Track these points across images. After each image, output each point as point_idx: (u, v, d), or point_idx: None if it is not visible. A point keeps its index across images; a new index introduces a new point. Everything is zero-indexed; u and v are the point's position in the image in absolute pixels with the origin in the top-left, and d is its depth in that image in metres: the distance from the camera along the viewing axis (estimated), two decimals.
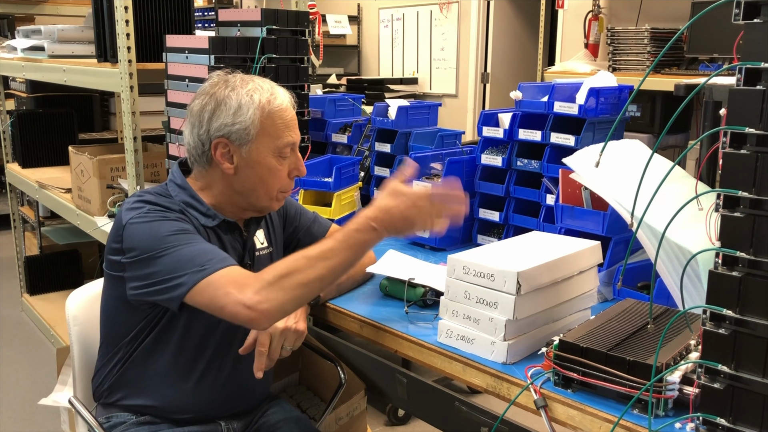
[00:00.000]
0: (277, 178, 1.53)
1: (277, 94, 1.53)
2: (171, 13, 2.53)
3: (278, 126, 1.51)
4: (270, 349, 1.45)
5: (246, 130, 1.49)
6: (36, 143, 3.77)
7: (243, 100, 1.49)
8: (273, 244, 1.68)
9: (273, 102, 1.52)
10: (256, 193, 1.53)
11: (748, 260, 0.92)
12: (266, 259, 1.64)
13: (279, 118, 1.51)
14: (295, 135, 1.55)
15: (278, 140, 1.51)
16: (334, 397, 1.94)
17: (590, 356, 1.11)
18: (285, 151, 1.53)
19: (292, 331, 1.47)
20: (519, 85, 1.91)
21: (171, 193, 1.53)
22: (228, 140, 1.48)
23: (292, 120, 1.54)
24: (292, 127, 1.54)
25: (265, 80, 1.56)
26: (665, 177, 1.07)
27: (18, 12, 4.58)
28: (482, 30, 5.65)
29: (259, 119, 1.49)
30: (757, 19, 0.90)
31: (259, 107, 1.49)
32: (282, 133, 1.52)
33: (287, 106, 1.54)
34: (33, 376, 3.37)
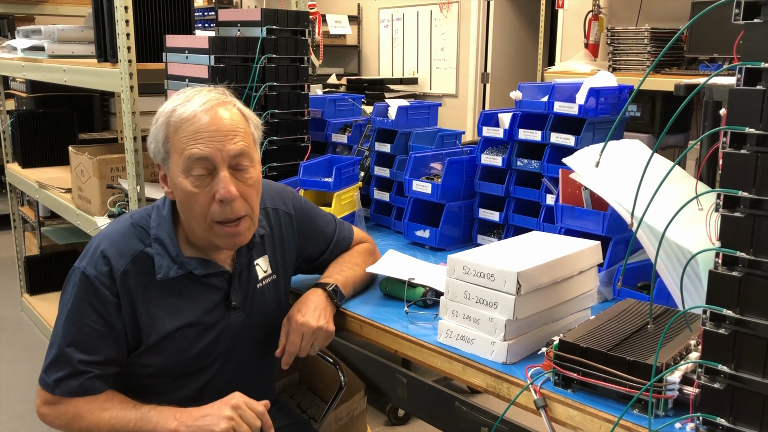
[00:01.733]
0: (195, 204, 1.32)
1: (190, 101, 1.33)
2: (171, 13, 2.53)
3: (183, 140, 1.30)
4: (300, 347, 1.43)
5: (156, 149, 1.36)
6: (36, 143, 3.77)
7: (157, 114, 1.36)
8: (278, 270, 1.56)
9: (176, 111, 1.32)
10: (191, 223, 1.37)
11: (748, 260, 0.92)
12: (270, 289, 1.54)
13: (184, 131, 1.31)
14: (207, 148, 1.29)
15: (183, 158, 1.30)
16: (334, 400, 1.95)
17: (590, 356, 1.11)
18: (192, 169, 1.30)
19: (323, 331, 1.44)
20: (519, 85, 1.91)
21: (152, 224, 1.41)
22: (157, 160, 1.38)
23: (201, 131, 1.30)
24: (202, 139, 1.29)
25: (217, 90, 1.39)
26: (665, 177, 1.07)
27: (18, 12, 4.58)
28: (482, 30, 5.65)
29: (164, 135, 1.34)
30: (757, 19, 0.90)
31: (164, 121, 1.34)
32: (187, 148, 1.30)
33: (195, 115, 1.30)
34: (33, 376, 3.35)
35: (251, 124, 1.42)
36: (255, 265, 1.51)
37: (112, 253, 1.37)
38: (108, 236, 1.40)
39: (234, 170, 1.35)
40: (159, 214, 1.43)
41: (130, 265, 1.37)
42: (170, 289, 1.40)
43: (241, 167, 1.35)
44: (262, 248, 1.53)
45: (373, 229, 2.19)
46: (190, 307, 1.42)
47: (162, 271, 1.38)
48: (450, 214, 1.93)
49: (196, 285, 1.42)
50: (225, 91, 1.42)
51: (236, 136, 1.34)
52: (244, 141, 1.35)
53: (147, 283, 1.38)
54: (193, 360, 1.45)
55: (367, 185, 2.25)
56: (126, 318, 1.37)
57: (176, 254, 1.39)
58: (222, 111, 1.35)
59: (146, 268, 1.38)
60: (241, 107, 1.42)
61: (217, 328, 1.46)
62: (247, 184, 1.36)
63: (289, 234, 1.59)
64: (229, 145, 1.32)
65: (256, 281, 1.51)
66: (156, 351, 1.41)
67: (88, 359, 1.35)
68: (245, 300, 1.49)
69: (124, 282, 1.36)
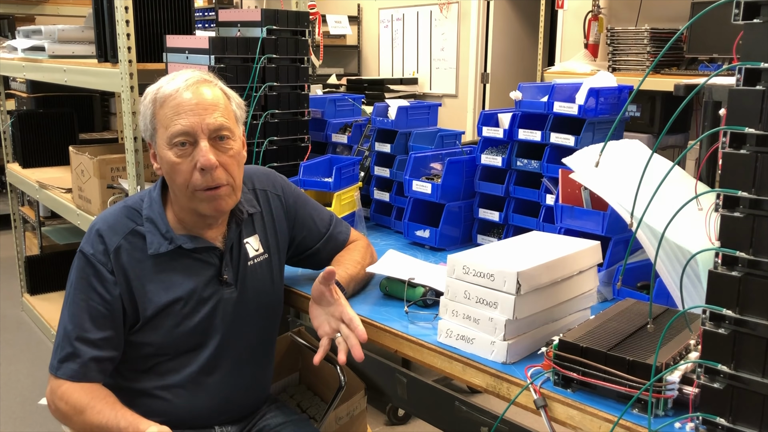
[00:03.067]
0: (178, 174, 1.41)
1: (173, 80, 1.43)
2: (171, 13, 2.53)
3: (167, 114, 1.40)
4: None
5: (145, 127, 1.46)
6: (36, 143, 3.78)
7: (145, 93, 1.45)
8: (271, 249, 1.60)
9: (162, 89, 1.42)
10: (176, 193, 1.46)
11: (748, 260, 0.92)
12: (263, 267, 1.58)
13: (168, 106, 1.40)
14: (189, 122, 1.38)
15: (168, 130, 1.39)
16: (334, 399, 1.95)
17: (590, 356, 1.12)
18: (178, 140, 1.39)
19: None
20: (519, 85, 1.91)
21: (144, 205, 1.49)
22: (145, 137, 1.48)
23: (183, 105, 1.39)
24: (183, 113, 1.39)
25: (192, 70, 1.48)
26: (665, 177, 1.07)
27: (18, 12, 4.58)
28: (482, 30, 5.65)
29: (151, 112, 1.43)
30: (756, 19, 0.90)
31: (150, 99, 1.44)
32: (170, 122, 1.39)
33: (177, 91, 1.40)
34: (33, 376, 3.37)
35: (233, 102, 1.49)
36: (245, 243, 1.55)
37: (106, 231, 1.45)
38: (103, 218, 1.49)
39: (215, 141, 1.42)
40: (150, 197, 1.51)
41: (123, 242, 1.44)
42: (163, 264, 1.46)
43: (221, 137, 1.43)
44: (252, 227, 1.58)
45: (373, 229, 2.19)
46: (183, 281, 1.47)
47: (153, 247, 1.45)
48: (450, 214, 1.93)
49: (188, 260, 1.48)
50: (209, 73, 1.50)
51: (216, 111, 1.42)
52: (223, 116, 1.43)
53: (140, 259, 1.45)
54: (189, 335, 1.49)
55: (367, 185, 2.25)
56: (123, 293, 1.43)
57: (166, 230, 1.47)
58: (204, 88, 1.44)
59: (138, 244, 1.45)
60: (223, 87, 1.49)
61: (211, 302, 1.50)
62: (227, 155, 1.43)
63: (279, 215, 1.63)
64: (209, 118, 1.40)
65: (247, 259, 1.55)
66: (153, 326, 1.46)
67: (88, 337, 1.41)
68: (237, 277, 1.53)
69: (118, 258, 1.43)
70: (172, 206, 1.50)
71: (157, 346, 1.48)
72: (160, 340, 1.47)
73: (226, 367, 1.54)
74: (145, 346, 1.48)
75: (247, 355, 1.58)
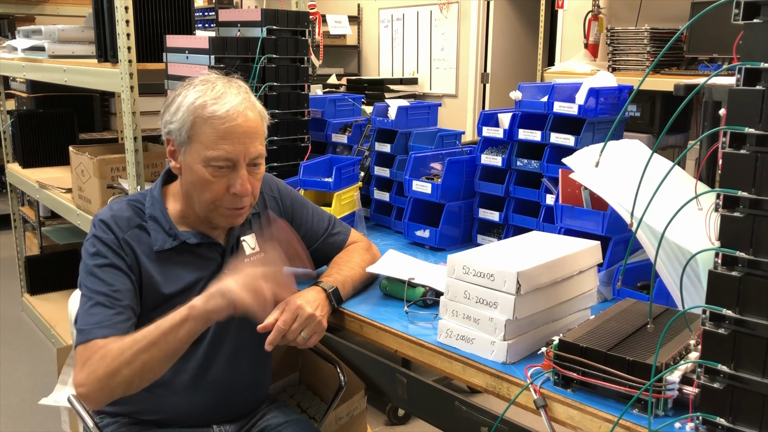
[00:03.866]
0: (208, 191, 1.45)
1: (222, 100, 1.43)
2: (171, 13, 2.53)
3: (209, 135, 1.41)
4: (290, 329, 1.41)
5: (179, 131, 1.45)
6: (36, 143, 3.78)
7: (183, 100, 1.45)
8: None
9: (207, 107, 1.42)
10: (195, 201, 1.48)
11: (748, 260, 0.92)
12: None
13: (212, 127, 1.41)
14: (234, 149, 1.42)
15: (207, 151, 1.41)
16: (334, 400, 1.95)
17: (590, 356, 1.12)
18: (216, 163, 1.42)
19: (316, 321, 1.43)
20: (519, 85, 1.91)
21: (146, 204, 1.52)
22: (171, 138, 1.48)
23: (231, 132, 1.41)
24: (230, 139, 1.41)
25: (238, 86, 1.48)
26: (665, 177, 1.07)
27: (18, 12, 4.58)
28: (482, 30, 5.65)
29: (191, 123, 1.43)
30: (756, 19, 0.90)
31: (191, 110, 1.43)
32: (213, 144, 1.41)
33: (228, 115, 1.41)
34: (33, 376, 3.37)
35: (265, 121, 1.53)
36: (242, 241, 1.59)
37: (112, 222, 1.47)
38: (105, 211, 1.51)
39: (250, 167, 1.47)
40: (152, 196, 1.54)
41: (131, 234, 1.47)
42: (167, 259, 1.49)
43: (255, 164, 1.48)
44: (249, 226, 1.61)
45: (373, 229, 2.19)
46: (187, 275, 1.50)
47: (158, 244, 1.48)
48: (450, 214, 1.93)
49: (191, 255, 1.52)
50: (247, 89, 1.52)
51: (257, 139, 1.47)
52: (261, 143, 1.49)
53: (146, 253, 1.48)
54: None
55: (367, 185, 2.25)
56: (135, 275, 1.46)
57: (169, 228, 1.50)
58: (250, 114, 1.46)
59: (144, 239, 1.49)
60: (257, 103, 1.52)
61: None
62: (256, 179, 1.50)
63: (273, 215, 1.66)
64: (251, 148, 1.45)
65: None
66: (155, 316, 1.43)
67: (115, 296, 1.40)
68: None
69: (128, 246, 1.46)
70: (175, 202, 1.54)
71: None
72: None
73: (223, 363, 1.55)
74: None
75: (244, 352, 1.59)
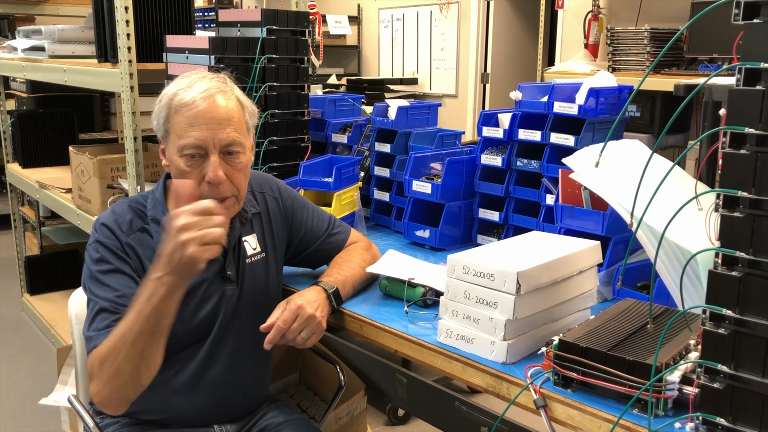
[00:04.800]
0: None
1: (191, 87, 1.42)
2: (171, 13, 2.53)
3: (180, 124, 1.41)
4: (289, 329, 1.42)
5: (159, 126, 1.47)
6: (36, 143, 3.78)
7: (162, 95, 1.45)
8: (268, 249, 1.63)
9: (177, 96, 1.42)
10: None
11: (748, 260, 0.92)
12: (260, 266, 1.60)
13: (182, 115, 1.41)
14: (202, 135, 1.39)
15: (179, 140, 1.41)
16: (334, 399, 1.95)
17: (590, 356, 1.11)
18: (187, 151, 1.41)
19: (316, 321, 1.44)
20: (519, 85, 1.91)
21: (148, 206, 1.52)
22: (158, 135, 1.49)
23: (198, 118, 1.40)
24: (197, 125, 1.40)
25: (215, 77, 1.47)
26: (665, 177, 1.07)
27: (18, 12, 4.58)
28: (482, 30, 5.65)
29: (165, 115, 1.44)
30: (756, 19, 0.90)
31: (165, 103, 1.44)
32: (183, 132, 1.40)
33: (194, 101, 1.40)
34: (33, 376, 3.37)
35: (247, 112, 1.50)
36: (243, 242, 1.58)
37: (115, 227, 1.48)
38: (107, 214, 1.51)
39: (225, 155, 1.44)
40: (153, 197, 1.54)
41: (133, 238, 1.48)
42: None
43: (231, 152, 1.45)
44: (251, 227, 1.61)
45: (373, 229, 2.19)
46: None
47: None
48: (450, 214, 1.93)
49: None
50: (226, 78, 1.50)
51: (229, 125, 1.43)
52: (236, 130, 1.44)
53: (149, 256, 1.45)
54: (194, 330, 1.50)
55: (367, 185, 2.25)
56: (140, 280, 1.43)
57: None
58: (219, 99, 1.43)
59: (147, 242, 1.48)
60: (239, 95, 1.50)
61: (215, 298, 1.52)
62: (235, 168, 1.46)
63: (276, 217, 1.66)
64: (221, 134, 1.42)
65: (245, 256, 1.58)
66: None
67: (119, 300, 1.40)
68: (237, 273, 1.56)
69: (131, 249, 1.47)
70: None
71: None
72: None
73: (224, 363, 1.55)
74: None
75: (245, 352, 1.59)
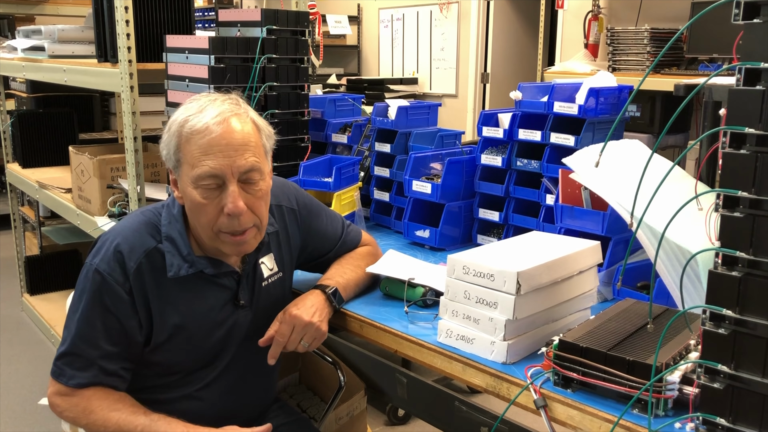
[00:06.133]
0: (203, 215, 1.34)
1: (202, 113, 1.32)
2: (171, 13, 2.53)
3: (193, 153, 1.31)
4: (289, 340, 1.42)
5: (169, 156, 1.37)
6: (36, 143, 3.77)
7: (171, 122, 1.36)
8: (285, 267, 1.57)
9: (188, 123, 1.32)
10: (199, 230, 1.38)
11: (748, 260, 0.92)
12: (276, 287, 1.55)
13: (195, 143, 1.31)
14: (218, 164, 1.29)
15: (193, 170, 1.31)
16: (333, 399, 1.94)
17: (590, 356, 1.11)
18: (203, 182, 1.31)
19: (314, 328, 1.43)
20: (519, 85, 1.91)
21: (163, 221, 1.42)
22: (168, 165, 1.39)
23: (213, 145, 1.30)
24: (212, 153, 1.29)
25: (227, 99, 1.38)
26: (665, 177, 1.07)
27: (18, 12, 4.58)
28: (482, 30, 5.65)
29: (176, 144, 1.34)
30: (756, 19, 0.90)
31: (175, 130, 1.34)
32: (197, 161, 1.30)
33: (207, 127, 1.30)
34: (33, 376, 3.37)
35: (263, 135, 1.41)
36: (260, 264, 1.52)
37: (126, 249, 1.37)
38: (121, 233, 1.41)
39: (243, 183, 1.35)
40: (169, 213, 1.44)
41: (144, 261, 1.37)
42: (181, 286, 1.40)
43: (251, 181, 1.36)
44: (268, 247, 1.54)
45: (373, 229, 2.19)
46: (201, 305, 1.43)
47: (173, 270, 1.39)
48: (450, 214, 1.93)
49: (206, 283, 1.44)
50: (239, 100, 1.41)
51: (247, 151, 1.34)
52: (254, 155, 1.35)
53: (159, 280, 1.39)
54: (202, 357, 1.47)
55: (367, 185, 2.25)
56: (141, 313, 1.38)
57: (187, 253, 1.40)
58: (234, 123, 1.34)
59: (158, 264, 1.39)
60: (255, 117, 1.41)
61: (226, 325, 1.47)
62: (255, 197, 1.37)
63: (293, 229, 1.60)
64: (240, 160, 1.32)
65: (261, 279, 1.52)
66: (167, 347, 1.42)
67: (100, 354, 1.36)
68: (252, 298, 1.51)
69: (138, 278, 1.37)
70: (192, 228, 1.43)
71: (167, 365, 1.45)
72: (172, 360, 1.45)
73: (234, 382, 1.53)
74: (154, 365, 1.45)
75: (255, 369, 1.56)
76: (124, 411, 1.35)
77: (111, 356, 1.37)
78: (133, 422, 1.33)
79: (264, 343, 1.43)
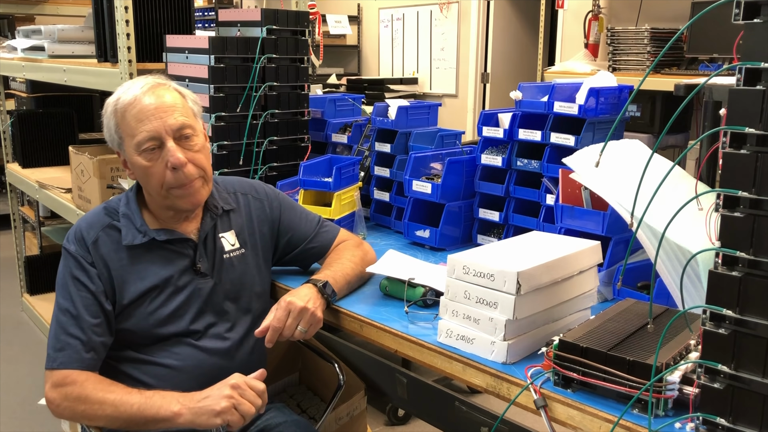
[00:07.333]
0: (152, 177, 1.49)
1: (130, 89, 1.50)
2: (171, 13, 2.53)
3: (130, 123, 1.48)
4: (285, 325, 1.47)
5: (111, 137, 1.53)
6: (36, 143, 3.77)
7: (105, 106, 1.53)
8: (248, 245, 1.66)
9: (119, 101, 1.49)
10: (152, 194, 1.54)
11: (748, 260, 0.92)
12: (239, 261, 1.63)
13: (130, 115, 1.48)
14: (152, 126, 1.46)
15: (135, 138, 1.47)
16: (333, 399, 1.94)
17: (590, 356, 1.11)
18: (146, 146, 1.47)
19: (309, 313, 1.48)
20: (519, 85, 1.91)
21: (121, 205, 1.58)
22: (113, 146, 1.54)
23: (144, 112, 1.47)
24: (145, 119, 1.46)
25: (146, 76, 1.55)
26: (665, 177, 1.07)
27: (18, 12, 4.58)
28: (482, 30, 5.65)
29: (114, 122, 1.51)
30: (757, 19, 0.90)
31: (111, 112, 1.51)
32: (134, 131, 1.47)
33: (135, 99, 1.48)
34: (33, 376, 3.37)
35: (188, 99, 1.57)
36: (220, 237, 1.62)
37: (84, 226, 1.55)
38: (84, 218, 1.59)
39: (179, 140, 1.50)
40: (126, 197, 1.60)
41: (101, 234, 1.53)
42: (139, 256, 1.54)
43: (185, 136, 1.50)
44: (228, 223, 1.65)
45: (373, 229, 2.19)
46: (158, 271, 1.54)
47: (128, 239, 1.53)
48: (450, 214, 1.93)
49: (162, 251, 1.56)
50: (161, 75, 1.59)
51: (176, 111, 1.50)
52: (183, 115, 1.51)
53: (117, 250, 1.53)
54: (165, 322, 1.54)
55: (367, 185, 2.25)
56: (104, 282, 1.51)
57: (141, 224, 1.55)
58: (160, 90, 1.51)
59: (115, 237, 1.54)
60: (177, 86, 1.57)
61: (186, 291, 1.56)
62: (193, 151, 1.52)
63: (260, 217, 1.70)
64: (170, 120, 1.48)
65: (222, 252, 1.61)
66: (129, 314, 1.52)
67: (82, 325, 1.47)
68: (213, 268, 1.60)
69: (97, 250, 1.52)
70: (147, 206, 1.59)
71: (134, 333, 1.53)
72: (137, 327, 1.53)
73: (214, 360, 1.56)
74: (123, 332, 1.53)
75: (236, 347, 1.60)
76: (118, 392, 1.42)
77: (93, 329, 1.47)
78: (129, 401, 1.40)
79: (260, 333, 1.48)
